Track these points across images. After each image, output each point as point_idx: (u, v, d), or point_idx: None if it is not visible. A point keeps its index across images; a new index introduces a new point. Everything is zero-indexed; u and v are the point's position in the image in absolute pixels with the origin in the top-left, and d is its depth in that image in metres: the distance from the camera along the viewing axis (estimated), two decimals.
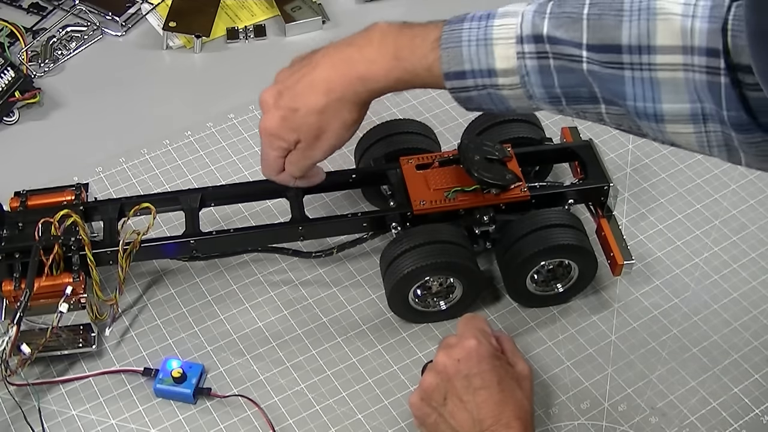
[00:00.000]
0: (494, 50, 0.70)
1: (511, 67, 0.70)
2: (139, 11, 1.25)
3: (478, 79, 0.72)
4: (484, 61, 0.71)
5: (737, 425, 0.85)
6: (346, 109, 0.79)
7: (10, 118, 1.12)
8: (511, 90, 0.71)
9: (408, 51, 0.75)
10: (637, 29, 0.65)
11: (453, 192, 0.90)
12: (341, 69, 0.78)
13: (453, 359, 0.77)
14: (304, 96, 0.80)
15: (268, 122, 0.82)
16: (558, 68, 0.69)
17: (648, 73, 0.65)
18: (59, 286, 0.85)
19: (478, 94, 0.73)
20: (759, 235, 0.99)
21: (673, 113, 0.66)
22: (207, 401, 0.86)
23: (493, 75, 0.71)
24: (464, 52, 0.71)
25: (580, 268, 0.90)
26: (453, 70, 0.72)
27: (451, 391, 0.76)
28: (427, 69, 0.74)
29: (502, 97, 0.72)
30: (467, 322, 0.82)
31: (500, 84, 0.71)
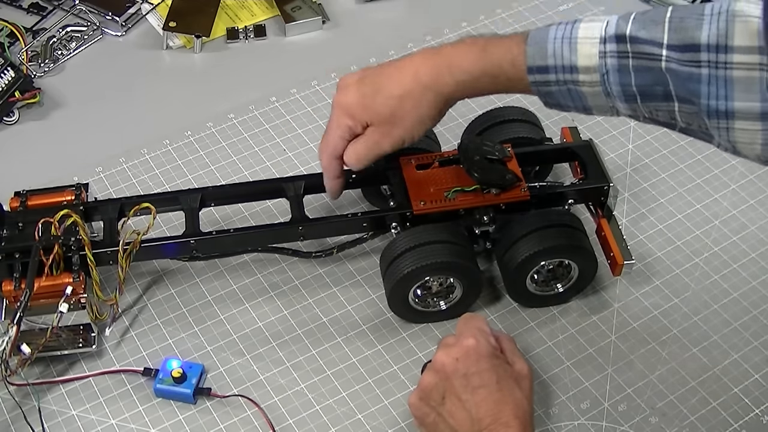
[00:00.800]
0: (578, 48, 0.74)
1: (593, 65, 0.74)
2: (139, 11, 1.25)
3: (560, 74, 0.75)
4: (567, 58, 0.75)
5: (737, 425, 0.85)
6: (428, 100, 0.81)
7: (10, 118, 1.12)
8: (591, 87, 0.75)
9: (495, 47, 0.78)
10: (716, 29, 0.68)
11: (453, 192, 0.90)
12: (431, 59, 0.81)
13: (451, 358, 0.77)
14: (390, 78, 0.82)
15: (344, 97, 0.84)
16: (636, 67, 0.73)
17: (723, 71, 0.68)
18: (59, 286, 0.85)
19: (558, 90, 0.76)
20: (759, 235, 0.99)
21: (744, 111, 0.69)
22: (207, 401, 0.86)
23: (574, 72, 0.75)
24: (549, 48, 0.75)
25: (580, 268, 0.90)
26: (537, 65, 0.76)
27: (449, 390, 0.76)
28: (511, 62, 0.77)
29: (581, 94, 0.76)
30: (466, 321, 0.82)
31: (581, 80, 0.75)
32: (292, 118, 1.12)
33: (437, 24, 1.23)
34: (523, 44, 0.77)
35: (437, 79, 0.80)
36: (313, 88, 1.15)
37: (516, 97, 1.12)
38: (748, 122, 0.69)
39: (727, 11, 0.68)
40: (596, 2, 1.26)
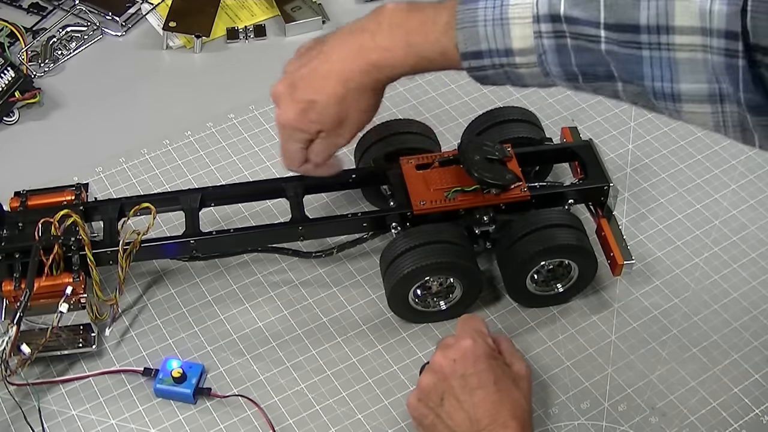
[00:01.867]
0: (511, 30, 0.71)
1: (528, 46, 0.71)
2: (139, 11, 1.25)
3: (495, 58, 0.72)
4: (501, 41, 0.71)
5: (737, 425, 0.85)
6: (365, 95, 0.80)
7: (10, 118, 1.12)
8: (528, 69, 0.72)
9: (421, 36, 0.75)
10: (656, 9, 0.65)
11: (453, 192, 0.90)
12: (355, 59, 0.78)
13: (449, 359, 0.77)
14: (321, 87, 0.80)
15: (285, 115, 0.82)
16: (575, 48, 0.69)
17: (666, 53, 0.65)
18: (59, 286, 0.85)
19: (495, 73, 0.73)
20: (759, 235, 0.99)
21: (691, 93, 0.66)
22: (207, 401, 0.86)
23: (510, 54, 0.72)
24: (480, 32, 0.72)
25: (580, 268, 0.90)
26: (470, 50, 0.73)
27: (448, 391, 0.76)
28: (441, 53, 0.75)
29: (519, 75, 0.73)
30: (464, 322, 0.82)
31: (517, 63, 0.72)
32: None
33: None
34: (452, 29, 0.73)
35: (368, 77, 0.78)
36: None
37: (516, 96, 1.12)
38: (695, 105, 0.67)
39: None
40: None
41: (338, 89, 0.79)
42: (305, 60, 0.82)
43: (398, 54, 0.76)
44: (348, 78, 0.79)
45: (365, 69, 0.78)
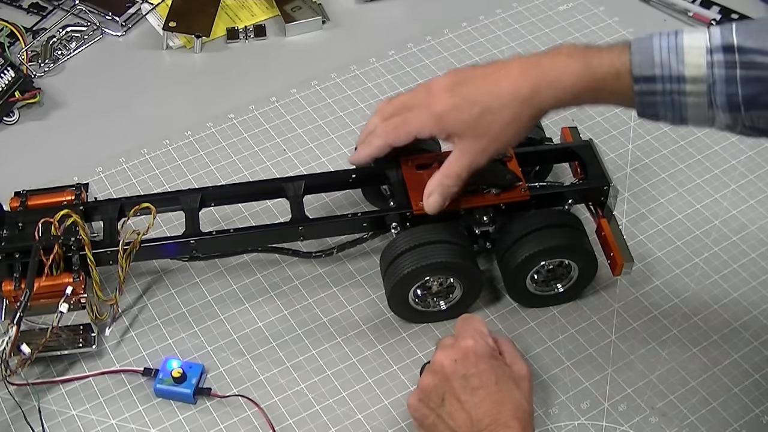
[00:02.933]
0: (685, 58, 0.73)
1: (700, 75, 0.73)
2: (139, 11, 1.25)
3: (667, 84, 0.74)
4: (675, 68, 0.74)
5: (737, 425, 0.85)
6: (527, 115, 0.80)
7: (10, 118, 1.12)
8: (696, 98, 0.74)
9: (596, 59, 0.77)
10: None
11: None
12: (529, 72, 0.79)
13: (450, 359, 0.77)
14: (486, 90, 0.80)
15: (439, 104, 0.82)
16: (744, 78, 0.72)
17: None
18: (59, 286, 0.85)
19: (663, 100, 0.75)
20: (759, 235, 0.99)
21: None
22: (207, 401, 0.86)
23: (681, 82, 0.74)
24: (655, 58, 0.74)
25: (580, 268, 0.90)
26: (643, 75, 0.75)
27: (448, 391, 0.76)
28: (615, 76, 0.76)
29: (684, 105, 0.75)
30: (464, 322, 0.82)
31: (687, 91, 0.74)
32: (292, 118, 1.12)
33: (437, 24, 1.23)
34: (626, 54, 0.75)
35: (537, 94, 0.79)
36: (313, 88, 1.15)
37: None
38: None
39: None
40: (596, 2, 1.26)
41: (503, 97, 0.80)
42: (475, 67, 0.83)
43: (574, 72, 0.78)
44: (518, 89, 0.79)
45: (536, 84, 0.79)
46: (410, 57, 1.19)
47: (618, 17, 1.24)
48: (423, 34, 1.22)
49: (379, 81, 1.16)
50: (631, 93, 0.76)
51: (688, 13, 1.23)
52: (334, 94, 1.14)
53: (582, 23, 1.23)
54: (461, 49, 1.20)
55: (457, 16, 1.25)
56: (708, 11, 1.23)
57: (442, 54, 1.19)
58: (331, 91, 1.15)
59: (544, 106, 0.80)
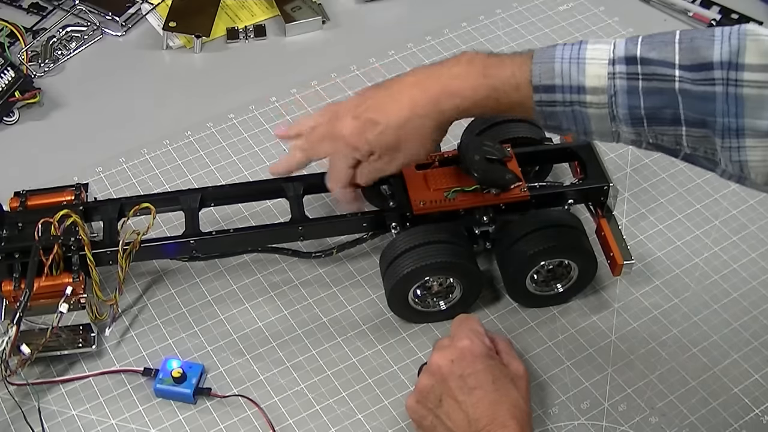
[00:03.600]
0: (586, 68, 0.73)
1: (601, 85, 0.72)
2: (139, 11, 1.25)
3: (567, 94, 0.74)
4: (575, 78, 0.73)
5: (737, 425, 0.85)
6: (428, 127, 0.80)
7: (10, 118, 1.12)
8: (597, 109, 0.73)
9: (496, 69, 0.77)
10: (728, 47, 0.68)
11: (453, 192, 0.90)
12: (427, 84, 0.79)
13: (447, 360, 0.77)
14: (387, 108, 0.81)
15: (345, 129, 0.83)
16: (646, 89, 0.72)
17: (734, 89, 0.68)
18: (59, 286, 0.85)
19: (563, 111, 0.74)
20: (759, 235, 0.99)
21: (754, 128, 0.68)
22: (207, 401, 0.86)
23: (582, 92, 0.73)
24: (556, 68, 0.74)
25: (580, 268, 0.90)
26: (543, 83, 0.74)
27: (446, 392, 0.76)
28: (515, 87, 0.76)
29: (585, 116, 0.74)
30: (460, 323, 0.82)
31: (587, 102, 0.73)
32: (292, 118, 1.12)
33: (437, 24, 1.23)
34: (528, 64, 0.75)
35: (436, 107, 0.79)
36: (313, 88, 1.15)
37: None
38: (757, 140, 0.69)
39: (738, 30, 0.68)
40: (596, 2, 1.26)
41: (403, 113, 0.80)
42: (380, 84, 0.84)
43: (471, 84, 0.77)
44: (416, 103, 0.79)
45: (435, 97, 0.79)
46: (410, 57, 1.19)
47: (618, 17, 1.24)
48: (423, 34, 1.22)
49: (379, 81, 1.15)
50: (532, 103, 0.75)
51: (688, 13, 1.23)
52: (334, 94, 1.14)
53: (582, 23, 1.23)
54: (461, 49, 1.20)
55: (457, 16, 1.25)
56: (708, 11, 1.23)
57: (442, 54, 1.19)
58: (331, 91, 1.15)
59: (446, 117, 0.80)
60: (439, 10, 1.27)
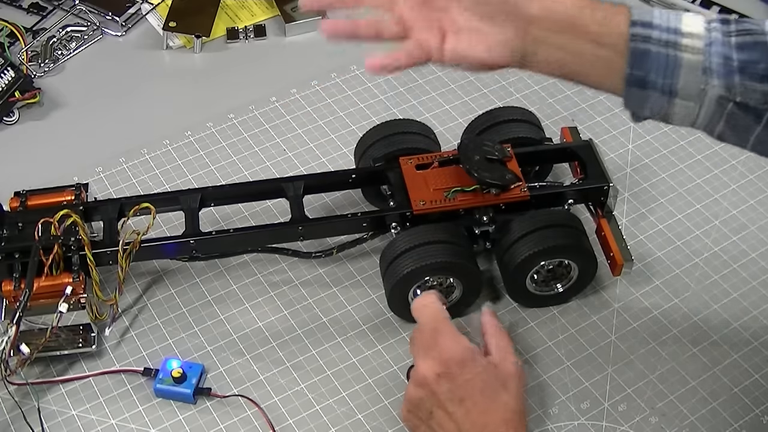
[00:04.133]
0: (683, 18, 0.73)
1: (698, 32, 0.72)
2: (139, 11, 1.25)
3: (664, 33, 0.73)
4: (673, 22, 0.73)
5: (737, 425, 0.85)
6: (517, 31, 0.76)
7: (10, 118, 1.12)
8: (692, 54, 0.72)
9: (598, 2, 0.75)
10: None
11: (453, 192, 0.90)
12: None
13: (432, 372, 0.76)
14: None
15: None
16: (740, 44, 0.72)
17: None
18: (59, 286, 0.85)
19: (657, 51, 0.72)
20: (759, 235, 0.99)
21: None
22: (207, 401, 0.86)
23: (678, 33, 0.72)
24: (655, 13, 0.73)
25: (580, 268, 0.90)
26: (641, 19, 0.73)
27: (435, 404, 0.76)
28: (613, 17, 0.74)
29: (677, 63, 0.72)
30: (421, 310, 0.81)
31: (683, 44, 0.72)
32: (292, 118, 1.12)
33: None
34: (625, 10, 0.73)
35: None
36: (313, 88, 1.15)
37: (516, 97, 1.12)
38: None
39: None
40: None
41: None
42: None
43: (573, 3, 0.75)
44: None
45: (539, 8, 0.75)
46: None
47: None
48: None
49: (379, 81, 1.16)
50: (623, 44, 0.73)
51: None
52: (334, 94, 1.14)
53: None
54: None
55: None
56: (708, 11, 1.22)
57: None
58: (331, 91, 1.15)
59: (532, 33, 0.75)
60: None
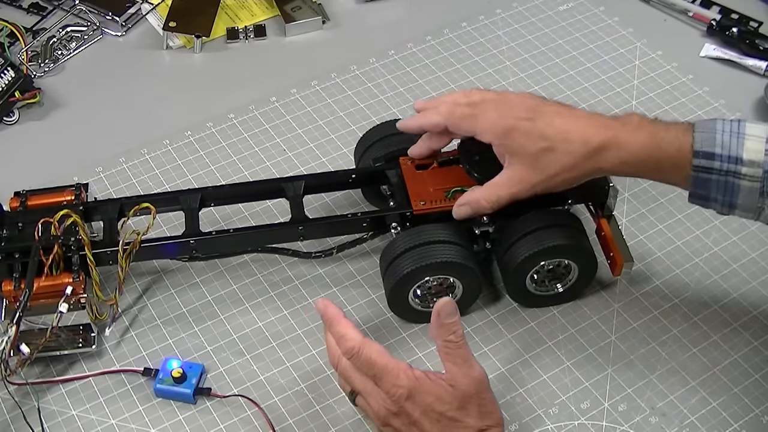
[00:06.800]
0: (745, 142, 0.77)
1: (758, 160, 0.77)
2: (139, 11, 1.25)
3: (725, 163, 0.77)
4: (734, 149, 0.77)
5: (737, 425, 0.85)
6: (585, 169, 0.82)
7: (10, 118, 1.12)
8: (750, 182, 0.77)
9: (664, 132, 0.80)
10: None
11: (453, 192, 0.90)
12: (602, 130, 0.81)
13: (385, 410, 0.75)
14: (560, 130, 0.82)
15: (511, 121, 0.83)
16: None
17: None
18: (59, 286, 0.85)
19: (717, 179, 0.78)
20: (759, 235, 0.99)
21: None
22: (207, 401, 0.86)
23: (739, 163, 0.77)
24: (717, 138, 0.78)
25: (580, 268, 0.90)
26: (704, 150, 0.78)
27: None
28: (678, 148, 0.79)
29: (736, 188, 0.78)
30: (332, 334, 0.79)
31: (743, 173, 0.77)
32: (292, 118, 1.12)
33: (437, 24, 1.23)
34: (690, 131, 0.78)
35: (603, 152, 0.81)
36: (313, 88, 1.15)
37: None
38: None
39: None
40: (596, 2, 1.26)
41: (573, 144, 0.81)
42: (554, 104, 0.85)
43: (641, 140, 0.80)
44: (588, 140, 0.81)
45: (606, 142, 0.80)
46: (410, 57, 1.19)
47: (618, 17, 1.24)
48: (423, 34, 1.22)
49: (379, 81, 1.16)
50: (689, 168, 0.78)
51: (688, 13, 1.23)
52: (334, 94, 1.14)
53: (582, 23, 1.23)
54: (461, 49, 1.20)
55: (457, 16, 1.25)
56: (708, 11, 1.22)
57: (442, 54, 1.19)
58: (331, 91, 1.15)
59: (604, 165, 0.82)
60: (439, 10, 1.27)
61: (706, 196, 0.79)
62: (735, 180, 0.77)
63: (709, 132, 0.78)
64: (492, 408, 0.76)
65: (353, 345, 0.76)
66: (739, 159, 0.77)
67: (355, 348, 0.76)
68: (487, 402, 0.75)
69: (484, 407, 0.75)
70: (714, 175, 0.78)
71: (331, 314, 0.79)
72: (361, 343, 0.76)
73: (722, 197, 0.79)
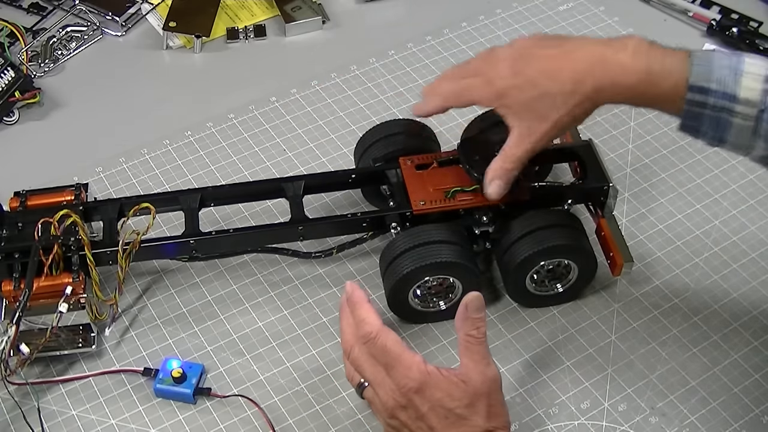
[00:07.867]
0: (742, 80, 0.75)
1: (753, 98, 0.74)
2: (139, 11, 1.25)
3: (719, 100, 0.75)
4: (730, 86, 0.75)
5: (737, 425, 0.85)
6: (583, 108, 0.81)
7: (10, 118, 1.12)
8: (743, 120, 0.75)
9: (659, 65, 0.77)
10: None
11: (453, 192, 0.90)
12: (597, 69, 0.79)
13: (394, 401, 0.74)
14: (551, 75, 0.80)
15: (500, 81, 0.82)
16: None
17: None
18: (59, 286, 0.85)
19: (710, 115, 0.76)
20: (759, 235, 0.99)
21: None
22: (207, 401, 0.86)
23: (733, 101, 0.75)
24: (714, 72, 0.75)
25: (580, 268, 0.90)
26: (699, 84, 0.75)
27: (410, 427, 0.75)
28: (674, 84, 0.77)
29: (728, 125, 0.76)
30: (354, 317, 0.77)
31: (737, 111, 0.75)
32: (292, 118, 1.12)
33: (437, 24, 1.23)
34: (686, 62, 0.76)
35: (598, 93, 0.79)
36: (313, 88, 1.15)
37: None
38: None
39: None
40: (596, 2, 1.26)
41: (566, 86, 0.79)
42: (542, 44, 0.83)
43: (635, 74, 0.78)
44: (581, 82, 0.79)
45: (600, 83, 0.79)
46: (410, 57, 1.19)
47: (618, 17, 1.24)
48: (423, 34, 1.22)
49: (379, 81, 1.16)
50: (682, 102, 0.76)
51: (688, 13, 1.23)
52: (334, 94, 1.14)
53: (582, 23, 1.23)
54: (461, 48, 1.20)
55: (457, 16, 1.25)
56: (708, 11, 1.22)
57: (442, 54, 1.19)
58: (331, 91, 1.15)
59: (600, 103, 0.80)
60: (439, 10, 1.27)
61: (696, 128, 0.77)
62: (728, 117, 0.75)
63: (706, 64, 0.75)
64: (501, 410, 0.75)
65: (371, 330, 0.76)
66: (734, 97, 0.74)
67: (372, 333, 0.76)
68: (496, 403, 0.75)
69: (494, 408, 0.74)
70: (707, 110, 0.76)
71: (357, 298, 0.78)
72: (379, 329, 0.76)
73: (713, 132, 0.77)
